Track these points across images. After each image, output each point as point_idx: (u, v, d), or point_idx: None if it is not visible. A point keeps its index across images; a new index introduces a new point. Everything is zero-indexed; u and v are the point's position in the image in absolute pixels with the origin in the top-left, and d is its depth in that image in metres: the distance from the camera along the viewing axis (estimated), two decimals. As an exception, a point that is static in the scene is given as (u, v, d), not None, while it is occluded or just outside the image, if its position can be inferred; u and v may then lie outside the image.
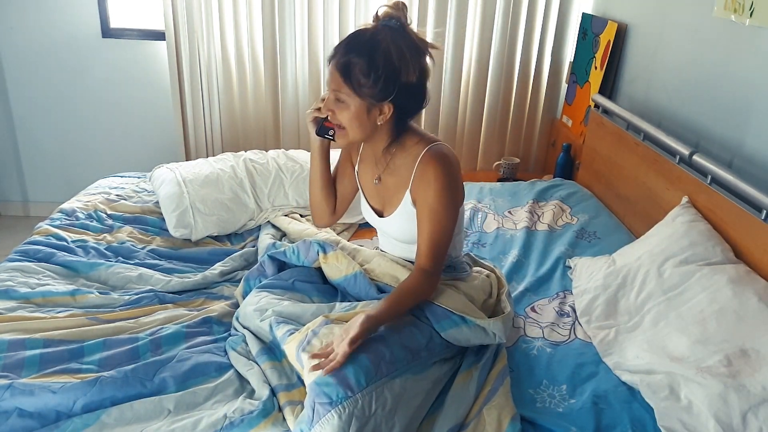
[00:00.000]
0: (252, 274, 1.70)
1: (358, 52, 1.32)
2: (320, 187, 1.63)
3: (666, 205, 1.92)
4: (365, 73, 1.32)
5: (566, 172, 2.75)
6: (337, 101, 1.38)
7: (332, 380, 1.17)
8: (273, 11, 2.91)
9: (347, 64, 1.33)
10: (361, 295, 1.55)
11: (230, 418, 1.25)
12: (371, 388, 1.20)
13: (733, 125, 1.82)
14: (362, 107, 1.37)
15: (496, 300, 1.59)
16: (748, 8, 1.71)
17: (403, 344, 1.31)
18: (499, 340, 1.45)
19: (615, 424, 1.29)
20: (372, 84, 1.33)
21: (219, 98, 3.06)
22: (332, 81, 1.37)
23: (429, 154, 1.43)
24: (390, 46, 1.32)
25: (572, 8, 3.02)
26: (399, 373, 1.27)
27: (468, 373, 1.39)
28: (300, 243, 1.68)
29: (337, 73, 1.35)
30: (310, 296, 1.58)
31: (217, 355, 1.46)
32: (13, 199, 3.48)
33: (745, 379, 1.23)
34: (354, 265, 1.58)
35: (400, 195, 1.50)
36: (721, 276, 1.49)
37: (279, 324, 1.43)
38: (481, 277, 1.62)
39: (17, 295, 1.61)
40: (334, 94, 1.37)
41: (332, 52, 1.37)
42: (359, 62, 1.32)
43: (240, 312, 1.59)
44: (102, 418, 1.26)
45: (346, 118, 1.39)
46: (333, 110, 1.40)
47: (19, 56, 3.13)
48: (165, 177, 2.21)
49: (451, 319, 1.42)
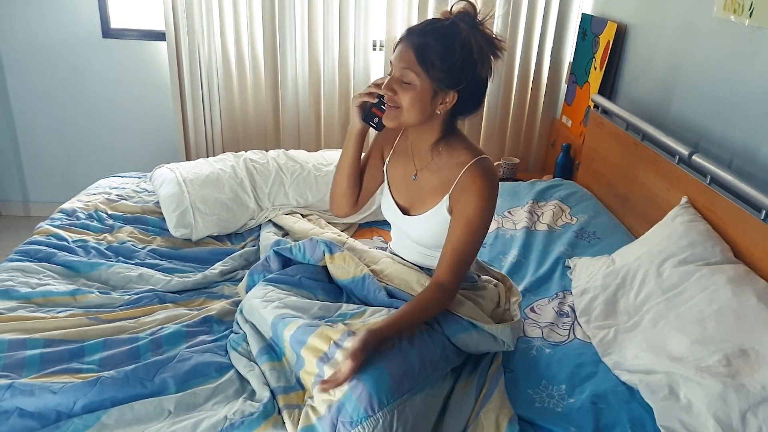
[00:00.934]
0: (256, 268, 1.68)
1: (436, 36, 1.29)
2: (349, 175, 1.57)
3: (665, 205, 1.92)
4: (441, 57, 1.29)
5: (566, 172, 2.75)
6: (401, 81, 1.33)
7: (354, 398, 1.15)
8: (273, 11, 2.91)
9: (423, 45, 1.29)
10: (368, 298, 1.53)
11: (230, 420, 1.25)
12: (392, 406, 1.17)
13: (732, 125, 1.82)
14: (428, 90, 1.32)
15: (504, 309, 1.58)
16: (748, 8, 1.71)
17: (422, 356, 1.28)
18: (507, 347, 1.45)
19: (614, 423, 1.29)
20: (446, 69, 1.30)
21: (219, 98, 3.07)
22: (402, 60, 1.32)
23: (478, 166, 1.41)
24: (470, 37, 1.30)
25: (572, 8, 3.02)
26: (419, 388, 1.24)
27: (467, 381, 1.38)
28: (306, 241, 1.66)
29: (410, 51, 1.30)
30: (315, 294, 1.56)
31: (218, 355, 1.46)
32: (13, 199, 3.48)
33: (745, 379, 1.24)
34: (362, 267, 1.56)
35: (436, 197, 1.46)
36: (721, 276, 1.49)
37: (283, 315, 1.40)
38: (489, 286, 1.60)
39: (18, 295, 1.61)
40: (402, 72, 1.32)
41: (405, 33, 1.33)
42: (437, 45, 1.29)
43: (244, 304, 1.56)
44: (102, 419, 1.26)
45: (408, 99, 1.33)
46: (395, 90, 1.34)
47: (19, 56, 3.13)
48: (165, 177, 2.21)
49: (461, 325, 1.41)
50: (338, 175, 1.59)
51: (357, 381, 1.17)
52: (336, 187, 1.61)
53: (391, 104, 1.36)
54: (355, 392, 1.16)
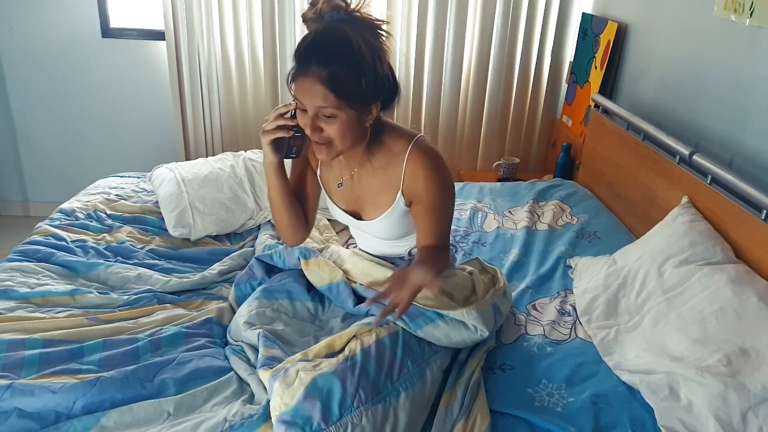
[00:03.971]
0: (241, 278, 1.68)
1: (339, 60, 1.19)
2: (287, 206, 1.45)
3: (666, 205, 1.92)
4: (356, 81, 1.20)
5: (566, 172, 2.75)
6: (322, 117, 1.24)
7: (305, 411, 1.15)
8: (273, 11, 2.91)
9: (333, 76, 1.18)
10: (342, 305, 1.54)
11: (230, 422, 1.25)
12: (346, 419, 1.16)
13: (733, 125, 1.82)
14: (353, 115, 1.25)
15: (481, 297, 1.51)
16: (748, 8, 1.71)
17: (380, 363, 1.26)
18: (481, 333, 1.40)
19: (614, 423, 1.29)
20: (364, 90, 1.22)
21: (219, 98, 3.06)
22: (314, 97, 1.21)
23: (417, 151, 1.36)
24: (360, 41, 1.21)
25: (572, 8, 3.02)
26: (381, 398, 1.22)
27: (451, 393, 1.35)
28: (282, 248, 1.66)
29: (320, 87, 1.19)
30: (301, 299, 1.57)
31: (217, 358, 1.46)
32: (12, 199, 3.48)
33: (745, 379, 1.23)
34: (337, 273, 1.55)
35: (388, 196, 1.43)
36: (721, 276, 1.48)
37: (265, 342, 1.40)
38: (462, 273, 1.57)
39: (17, 295, 1.61)
40: (319, 110, 1.23)
41: (300, 63, 1.22)
42: (344, 70, 1.19)
43: (232, 326, 1.55)
44: (102, 421, 1.25)
45: (336, 131, 1.25)
46: (321, 127, 1.25)
47: (19, 56, 3.13)
48: (165, 177, 2.20)
49: (426, 316, 1.39)
50: (276, 211, 1.48)
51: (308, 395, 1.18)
52: (280, 222, 1.50)
53: (320, 141, 1.28)
54: (307, 404, 1.17)
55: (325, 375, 1.22)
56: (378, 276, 1.49)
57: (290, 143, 1.33)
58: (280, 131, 1.31)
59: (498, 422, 1.30)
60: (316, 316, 1.57)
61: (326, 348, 1.34)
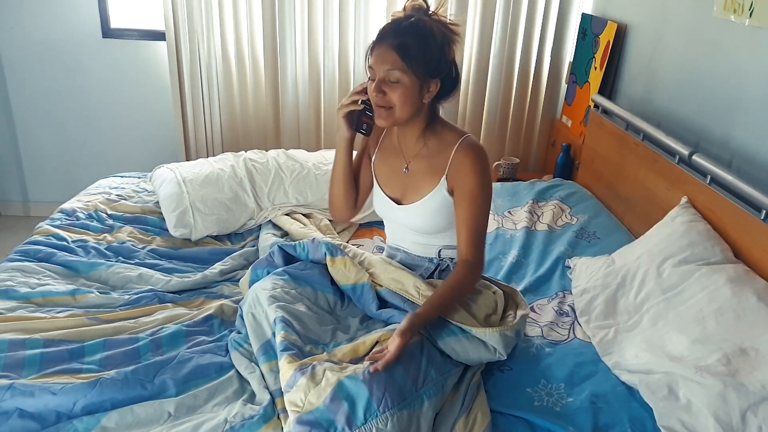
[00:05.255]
0: (260, 263, 1.68)
1: (411, 34, 1.38)
2: (345, 182, 1.62)
3: (665, 205, 1.92)
4: (421, 51, 1.38)
5: (566, 172, 2.75)
6: (388, 82, 1.40)
7: (330, 414, 1.16)
8: (273, 11, 2.91)
9: (403, 44, 1.37)
10: (363, 306, 1.54)
11: (231, 423, 1.25)
12: (371, 424, 1.16)
13: (732, 125, 1.82)
14: (415, 84, 1.40)
15: (504, 318, 1.53)
16: (748, 8, 1.71)
17: (408, 371, 1.27)
18: (499, 356, 1.42)
19: (614, 423, 1.29)
20: (427, 61, 1.39)
21: (219, 98, 3.07)
22: (385, 61, 1.39)
23: (467, 144, 1.48)
24: (434, 28, 1.40)
25: (572, 8, 3.02)
26: (407, 404, 1.22)
27: (454, 393, 1.36)
28: (308, 241, 1.67)
29: (392, 52, 1.38)
30: (323, 290, 1.58)
31: (218, 356, 1.46)
32: (13, 199, 3.48)
33: (745, 378, 1.23)
34: (364, 275, 1.57)
35: (432, 182, 1.51)
36: (720, 275, 1.49)
37: (284, 327, 1.40)
38: (487, 292, 1.58)
39: (17, 295, 1.61)
40: (387, 73, 1.39)
41: (378, 36, 1.41)
42: (414, 42, 1.38)
43: (249, 294, 1.56)
44: (102, 422, 1.26)
45: (398, 97, 1.40)
46: (384, 90, 1.40)
47: (19, 56, 3.13)
48: (165, 177, 2.21)
49: (449, 329, 1.41)
50: (334, 184, 1.64)
51: (335, 398, 1.19)
52: (334, 196, 1.65)
53: (382, 105, 1.42)
54: (334, 407, 1.17)
55: (352, 378, 1.22)
56: (407, 283, 1.51)
57: (362, 119, 1.49)
58: (353, 105, 1.48)
59: (498, 422, 1.30)
60: (334, 311, 1.58)
61: (351, 353, 1.36)
